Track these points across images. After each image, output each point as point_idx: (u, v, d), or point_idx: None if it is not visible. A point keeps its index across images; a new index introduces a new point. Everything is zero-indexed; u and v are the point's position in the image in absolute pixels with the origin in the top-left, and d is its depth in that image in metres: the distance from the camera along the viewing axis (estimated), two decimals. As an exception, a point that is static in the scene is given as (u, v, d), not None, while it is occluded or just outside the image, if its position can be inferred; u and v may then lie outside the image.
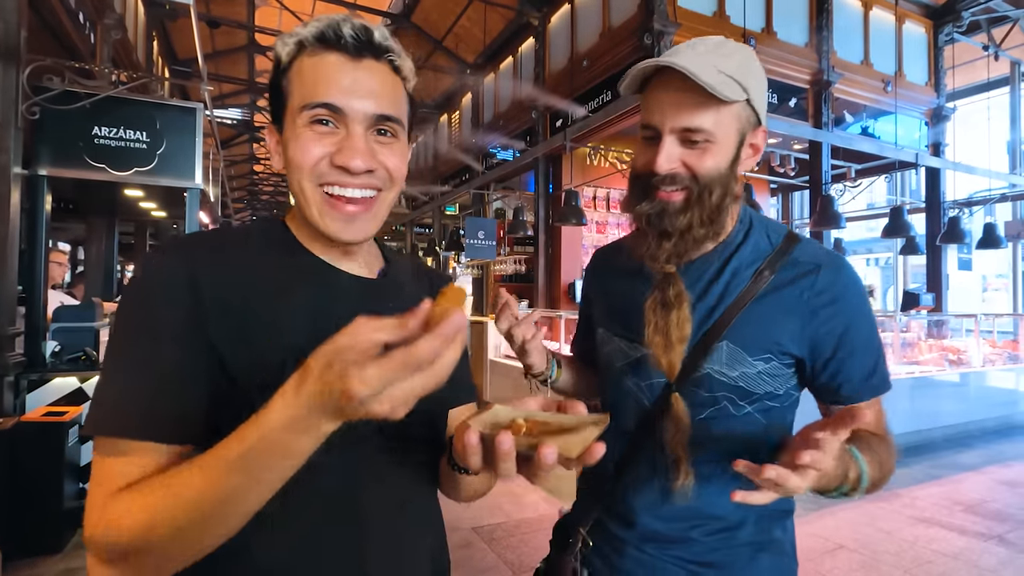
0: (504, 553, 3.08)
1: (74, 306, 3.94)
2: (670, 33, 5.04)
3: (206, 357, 0.59)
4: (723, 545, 0.87)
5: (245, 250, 0.67)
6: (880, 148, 6.36)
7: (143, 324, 0.60)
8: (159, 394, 0.57)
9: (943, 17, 6.92)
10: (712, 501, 0.86)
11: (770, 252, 0.86)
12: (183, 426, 0.58)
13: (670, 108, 0.78)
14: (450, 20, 8.41)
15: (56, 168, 3.42)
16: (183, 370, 0.58)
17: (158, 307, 0.60)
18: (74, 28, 4.38)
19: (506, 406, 0.58)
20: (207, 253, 0.64)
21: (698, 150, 0.79)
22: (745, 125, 0.81)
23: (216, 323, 0.60)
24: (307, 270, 0.69)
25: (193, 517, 0.50)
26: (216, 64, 9.70)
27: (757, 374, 0.83)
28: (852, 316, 0.83)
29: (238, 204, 19.81)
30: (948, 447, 5.15)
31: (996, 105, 8.12)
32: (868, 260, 17.17)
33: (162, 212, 5.68)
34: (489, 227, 7.40)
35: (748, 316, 0.83)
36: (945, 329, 6.49)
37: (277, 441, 0.47)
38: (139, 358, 0.58)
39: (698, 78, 0.73)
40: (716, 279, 0.85)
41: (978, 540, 3.32)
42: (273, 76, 0.68)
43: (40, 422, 3.00)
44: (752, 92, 0.79)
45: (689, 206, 0.80)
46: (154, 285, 0.61)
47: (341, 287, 0.70)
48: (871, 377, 0.84)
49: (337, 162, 0.63)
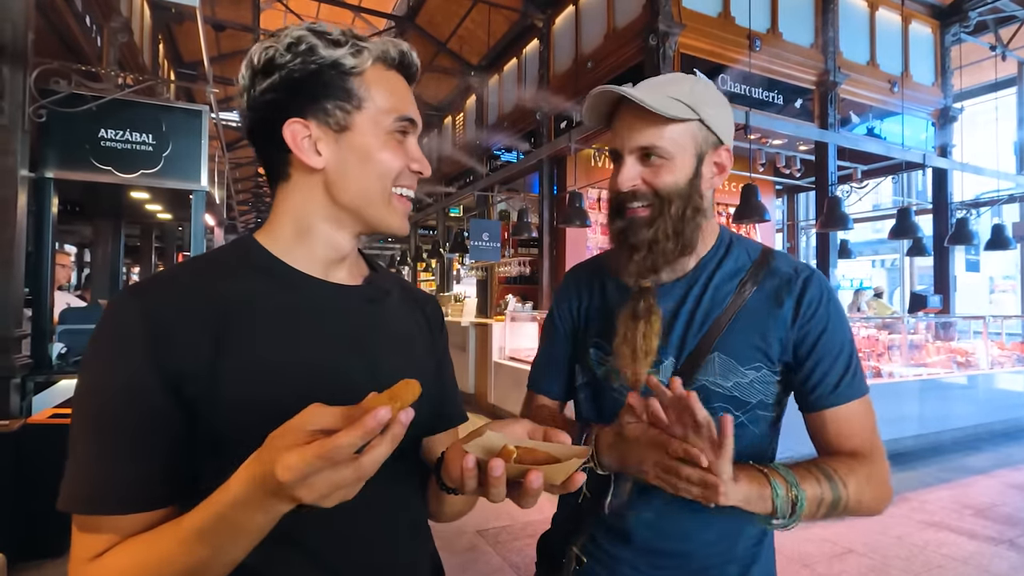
0: (509, 556, 3.06)
1: (80, 308, 3.96)
2: (675, 34, 5.02)
3: (174, 408, 0.58)
4: (720, 560, 0.89)
5: (224, 278, 0.65)
6: (887, 149, 6.33)
7: (104, 386, 0.58)
8: (125, 464, 0.56)
9: (950, 17, 6.88)
10: (708, 514, 0.86)
11: (749, 265, 0.92)
12: (156, 491, 0.57)
13: (627, 131, 0.87)
14: (454, 22, 8.43)
15: (62, 171, 3.43)
16: (152, 431, 0.57)
17: (118, 366, 0.58)
18: (80, 31, 4.40)
19: (497, 432, 0.61)
20: (174, 290, 0.62)
21: (654, 167, 0.86)
22: (702, 144, 0.88)
23: (192, 362, 0.59)
24: (292, 286, 0.68)
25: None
26: (221, 67, 9.73)
27: (749, 383, 0.87)
28: (828, 322, 0.88)
29: (243, 207, 19.89)
30: (957, 450, 5.10)
31: (1004, 105, 8.07)
32: (874, 262, 17.08)
33: (168, 214, 5.71)
34: (493, 229, 7.40)
35: (735, 326, 0.87)
36: (953, 331, 6.44)
37: (233, 518, 0.49)
38: (101, 426, 0.57)
39: (643, 101, 0.82)
40: (703, 293, 0.90)
41: (988, 544, 3.28)
42: (314, 69, 0.65)
43: (46, 424, 3.00)
44: (705, 114, 0.86)
45: (653, 220, 0.86)
46: (108, 341, 0.59)
47: (328, 296, 0.69)
48: (844, 379, 0.87)
49: (415, 168, 0.71)
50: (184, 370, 0.58)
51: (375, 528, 0.68)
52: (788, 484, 0.75)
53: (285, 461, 0.43)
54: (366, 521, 0.67)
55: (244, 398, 0.59)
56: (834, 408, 0.86)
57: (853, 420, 0.86)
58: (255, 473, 0.47)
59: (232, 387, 0.59)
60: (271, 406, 0.54)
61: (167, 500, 0.58)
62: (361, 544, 0.67)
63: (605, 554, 0.93)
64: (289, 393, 0.57)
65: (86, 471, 0.57)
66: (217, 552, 0.52)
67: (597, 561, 0.94)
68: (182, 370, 0.58)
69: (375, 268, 0.80)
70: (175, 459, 0.58)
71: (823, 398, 0.86)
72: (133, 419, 0.57)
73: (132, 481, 0.56)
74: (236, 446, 0.52)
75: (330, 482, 0.45)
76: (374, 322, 0.72)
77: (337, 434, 0.43)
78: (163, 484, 0.58)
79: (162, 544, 0.53)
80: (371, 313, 0.73)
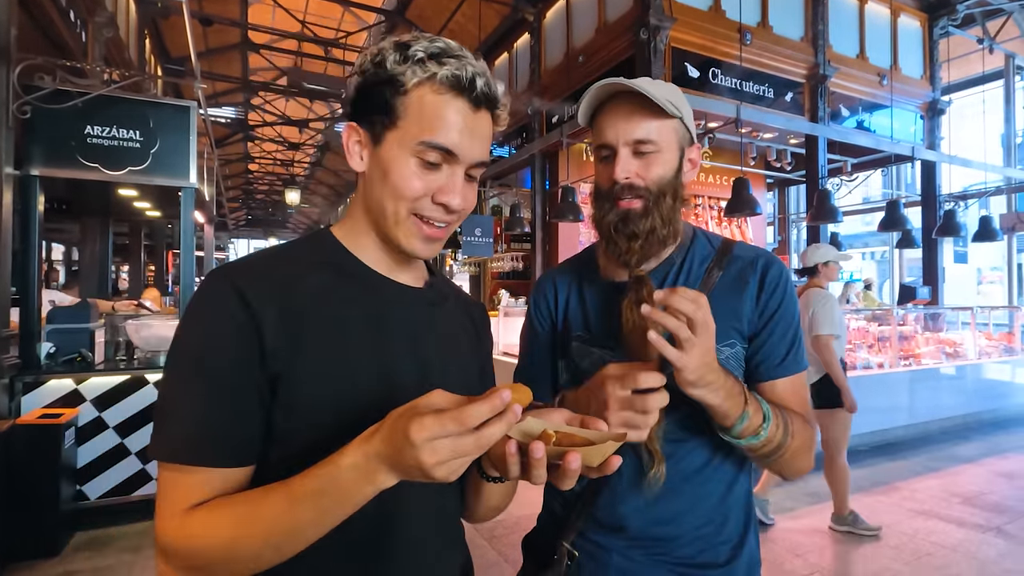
0: (505, 550, 3.08)
1: (69, 307, 3.91)
2: (666, 28, 5.02)
3: (262, 380, 0.63)
4: (708, 545, 0.92)
5: (301, 271, 0.69)
6: (876, 142, 6.37)
7: (199, 350, 0.62)
8: (220, 420, 0.61)
9: (938, 10, 6.92)
10: (695, 497, 0.92)
11: (714, 253, 0.99)
12: (244, 449, 0.62)
13: (623, 125, 0.91)
14: (445, 16, 8.37)
15: (48, 168, 3.38)
16: (240, 393, 0.62)
17: (213, 334, 0.62)
18: (65, 26, 4.34)
19: (537, 418, 0.63)
20: (260, 277, 0.66)
21: (648, 160, 0.92)
22: (683, 140, 0.96)
23: (276, 351, 0.63)
24: (362, 283, 0.72)
25: (269, 539, 0.57)
26: (209, 62, 9.63)
27: (726, 359, 0.91)
28: (784, 300, 0.95)
29: (233, 204, 19.73)
30: (945, 439, 5.17)
31: (991, 98, 8.14)
32: (864, 254, 17.22)
33: (157, 212, 5.65)
34: (486, 224, 7.38)
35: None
36: (941, 322, 6.51)
37: (344, 483, 0.54)
38: (197, 383, 0.61)
39: (651, 94, 0.87)
40: (677, 279, 0.97)
41: (977, 532, 3.34)
42: (376, 81, 0.67)
43: (36, 424, 2.97)
44: (684, 113, 0.93)
45: (648, 211, 0.92)
46: (209, 311, 0.63)
47: (394, 296, 0.74)
48: (790, 354, 0.94)
49: (440, 199, 0.68)
50: (266, 349, 0.62)
51: (423, 528, 0.72)
52: (762, 410, 0.83)
53: (421, 422, 0.49)
54: (414, 521, 0.71)
55: (308, 390, 0.64)
56: (780, 379, 0.93)
57: (795, 391, 0.94)
58: (381, 437, 0.53)
59: (298, 376, 0.64)
60: (328, 399, 0.64)
61: (256, 459, 0.63)
62: (406, 546, 0.70)
63: (597, 547, 0.95)
64: (348, 388, 0.65)
65: (186, 423, 0.61)
66: (320, 515, 0.56)
67: (589, 555, 0.96)
68: (264, 349, 0.62)
69: (432, 271, 0.84)
70: (261, 425, 0.63)
71: (772, 369, 0.93)
72: (232, 376, 0.61)
73: (231, 435, 0.61)
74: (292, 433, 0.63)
75: (452, 448, 0.50)
76: (431, 325, 0.76)
77: (470, 404, 0.50)
78: (256, 443, 0.63)
79: (268, 501, 0.57)
80: (430, 316, 0.76)
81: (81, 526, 3.23)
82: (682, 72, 5.24)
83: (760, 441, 0.82)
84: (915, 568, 2.90)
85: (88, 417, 3.33)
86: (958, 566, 2.93)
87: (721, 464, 0.94)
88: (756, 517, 1.01)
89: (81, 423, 3.29)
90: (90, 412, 3.34)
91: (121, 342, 3.85)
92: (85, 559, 2.94)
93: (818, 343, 3.24)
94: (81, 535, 3.18)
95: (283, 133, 13.76)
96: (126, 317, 3.94)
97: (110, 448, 3.35)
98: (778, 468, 0.90)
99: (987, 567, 2.94)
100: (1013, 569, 2.90)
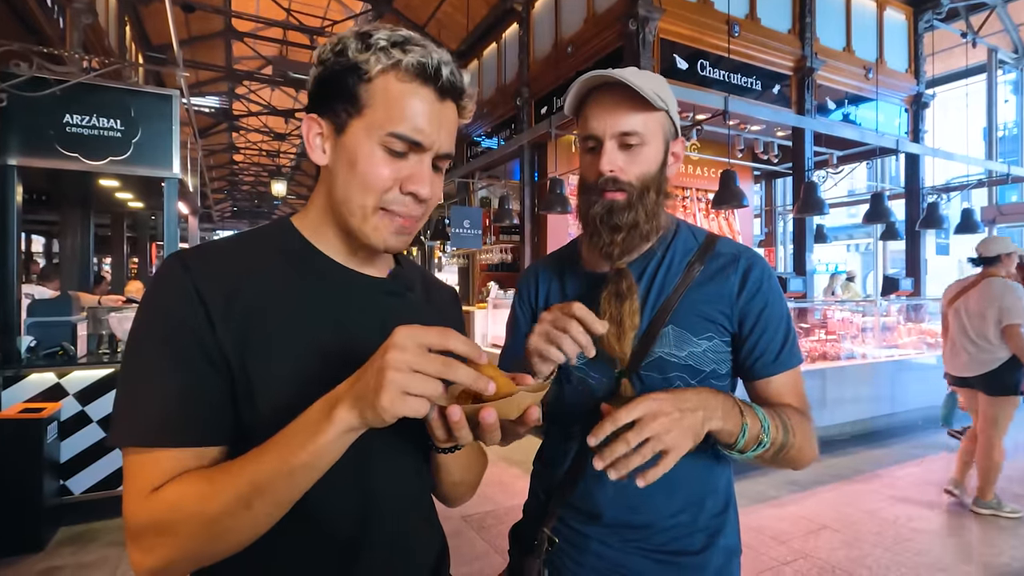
0: (494, 540, 3.09)
1: (49, 300, 3.84)
2: (654, 19, 5.01)
3: (220, 365, 0.62)
4: (682, 533, 0.93)
5: (257, 258, 0.69)
6: (862, 135, 6.42)
7: (156, 335, 0.62)
8: (181, 399, 0.60)
9: (923, 4, 6.97)
10: (669, 486, 0.92)
11: (697, 247, 0.99)
12: (210, 428, 0.61)
13: (609, 117, 0.91)
14: (432, 6, 8.28)
15: (26, 158, 3.31)
16: (208, 372, 0.61)
17: (169, 318, 0.61)
18: (41, 12, 4.23)
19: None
20: (218, 263, 0.66)
21: (633, 153, 0.92)
22: (668, 133, 0.96)
23: (227, 333, 0.62)
24: (318, 273, 0.71)
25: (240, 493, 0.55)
26: (192, 50, 9.45)
27: (703, 352, 0.93)
28: (769, 298, 0.95)
29: (218, 195, 19.46)
30: (926, 428, 5.27)
31: (973, 92, 8.24)
32: (849, 246, 17.42)
33: (139, 203, 5.56)
34: (475, 216, 7.35)
35: (686, 302, 0.94)
36: (923, 313, 6.62)
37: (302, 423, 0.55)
38: (155, 367, 0.61)
39: (640, 88, 0.87)
40: (657, 271, 0.97)
41: (955, 517, 3.42)
42: (338, 70, 0.66)
43: (17, 419, 2.93)
44: (670, 107, 0.93)
45: (632, 204, 0.92)
46: (165, 296, 0.63)
47: (354, 287, 0.73)
48: (784, 350, 0.94)
49: (408, 188, 0.67)
50: (220, 337, 0.62)
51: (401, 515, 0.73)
52: (758, 416, 0.82)
53: (409, 327, 0.53)
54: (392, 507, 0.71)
55: (265, 375, 0.63)
56: (776, 376, 0.93)
57: (791, 386, 0.95)
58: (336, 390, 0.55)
59: (255, 371, 0.63)
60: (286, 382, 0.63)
61: (222, 439, 0.62)
62: (378, 519, 0.70)
63: (576, 533, 0.97)
64: (304, 377, 0.64)
65: (148, 406, 0.60)
66: (282, 462, 0.54)
67: (568, 541, 0.98)
68: (219, 336, 0.62)
69: (399, 260, 0.83)
70: (227, 403, 0.62)
71: (766, 366, 0.94)
72: (193, 358, 0.61)
73: (194, 416, 0.60)
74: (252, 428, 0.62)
75: (422, 361, 0.52)
76: (392, 315, 0.74)
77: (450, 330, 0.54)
78: (220, 422, 0.62)
79: (237, 460, 0.58)
80: (391, 307, 0.76)
81: (65, 521, 3.19)
82: (671, 64, 5.24)
83: (764, 449, 0.83)
84: (896, 553, 2.96)
85: (71, 411, 3.28)
86: (937, 551, 3.01)
87: (695, 453, 0.94)
88: (736, 505, 1.01)
89: (64, 417, 3.24)
90: (73, 406, 3.29)
91: (104, 335, 3.80)
92: (69, 554, 2.91)
93: (1010, 332, 3.30)
94: (65, 530, 3.15)
95: (269, 123, 13.58)
96: (109, 310, 3.88)
97: (94, 442, 3.31)
98: (784, 465, 0.90)
99: (965, 551, 3.01)
100: (990, 552, 2.98)
